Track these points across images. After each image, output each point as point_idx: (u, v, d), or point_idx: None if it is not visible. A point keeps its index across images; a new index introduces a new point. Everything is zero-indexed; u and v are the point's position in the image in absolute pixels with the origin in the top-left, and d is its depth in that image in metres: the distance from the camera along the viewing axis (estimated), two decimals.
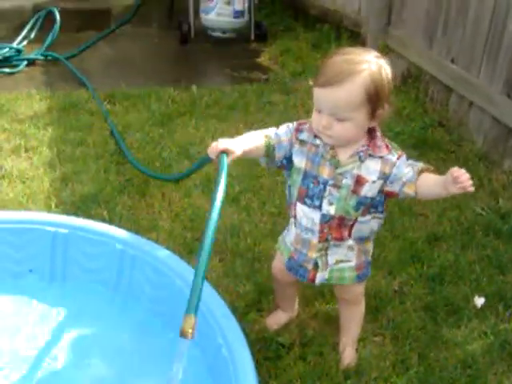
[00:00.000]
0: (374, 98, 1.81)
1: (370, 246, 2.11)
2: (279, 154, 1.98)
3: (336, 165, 1.91)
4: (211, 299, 2.06)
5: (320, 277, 2.08)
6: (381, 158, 1.89)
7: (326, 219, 1.96)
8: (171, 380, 1.61)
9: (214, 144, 1.87)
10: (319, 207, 1.95)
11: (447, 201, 3.16)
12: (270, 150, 1.97)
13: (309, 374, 2.12)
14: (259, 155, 1.99)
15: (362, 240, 2.04)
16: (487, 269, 2.71)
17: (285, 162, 2.00)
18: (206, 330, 2.01)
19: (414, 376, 2.16)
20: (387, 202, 1.99)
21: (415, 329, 2.36)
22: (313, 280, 2.09)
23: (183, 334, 1.59)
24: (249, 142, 1.95)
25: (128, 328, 2.23)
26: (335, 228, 1.97)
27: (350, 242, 2.01)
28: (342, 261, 2.05)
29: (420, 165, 1.87)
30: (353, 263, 2.06)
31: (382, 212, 2.00)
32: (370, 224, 2.00)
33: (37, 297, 2.33)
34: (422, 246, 2.81)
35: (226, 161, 1.83)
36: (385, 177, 1.88)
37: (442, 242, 2.86)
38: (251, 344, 1.96)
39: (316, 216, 1.97)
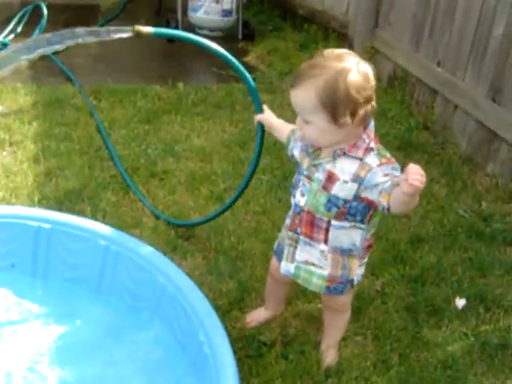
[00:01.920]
0: (329, 106, 1.77)
1: (354, 265, 2.02)
2: (289, 146, 2.12)
3: (314, 157, 1.95)
4: (193, 297, 2.06)
5: (284, 266, 2.11)
6: (360, 160, 1.85)
7: (297, 210, 2.02)
8: None
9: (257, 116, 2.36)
10: (294, 196, 2.03)
11: (430, 203, 3.19)
12: (287, 141, 2.14)
13: (290, 372, 2.13)
14: (281, 139, 2.22)
15: (343, 252, 2.00)
16: (469, 271, 2.73)
17: (291, 153, 2.12)
18: (188, 328, 2.02)
19: (395, 376, 2.17)
20: (372, 213, 1.94)
21: (396, 329, 2.37)
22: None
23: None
24: (282, 125, 2.25)
25: (110, 324, 2.23)
26: (305, 223, 1.99)
27: (323, 247, 1.98)
28: (313, 264, 2.03)
29: (402, 177, 1.71)
30: (325, 272, 2.02)
31: (362, 222, 1.94)
32: (349, 233, 1.96)
33: (18, 292, 2.31)
34: (404, 247, 2.82)
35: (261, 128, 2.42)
36: (359, 180, 1.84)
37: (425, 244, 2.88)
38: (233, 342, 1.97)
39: (293, 204, 2.05)
